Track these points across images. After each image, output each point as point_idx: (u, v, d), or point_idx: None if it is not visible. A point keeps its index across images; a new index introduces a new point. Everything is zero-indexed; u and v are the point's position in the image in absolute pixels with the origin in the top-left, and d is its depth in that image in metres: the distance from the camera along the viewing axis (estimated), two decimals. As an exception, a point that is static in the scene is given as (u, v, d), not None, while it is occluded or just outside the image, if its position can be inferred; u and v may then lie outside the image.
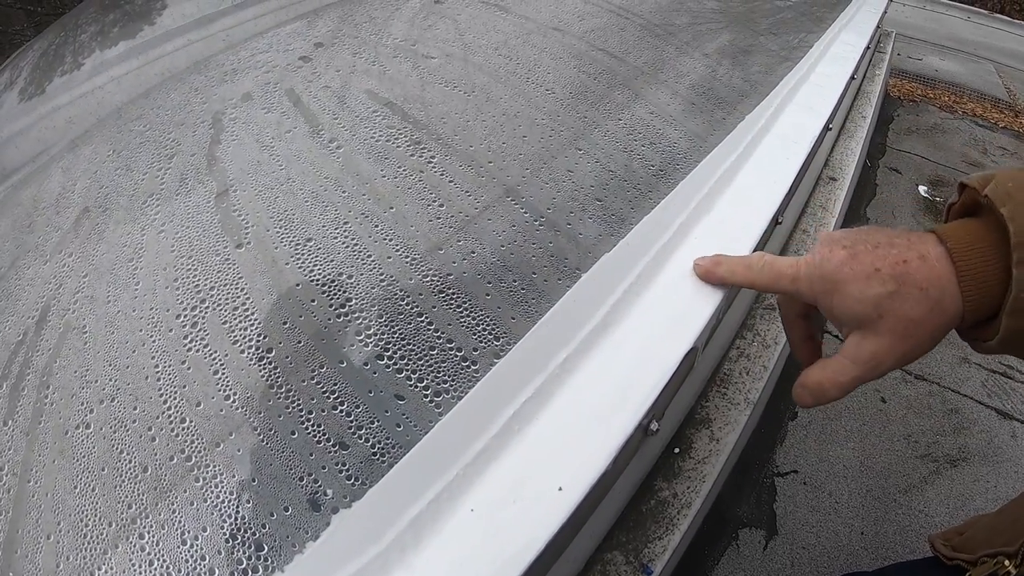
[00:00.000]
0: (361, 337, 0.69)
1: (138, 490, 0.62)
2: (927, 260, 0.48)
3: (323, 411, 0.64)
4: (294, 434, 0.63)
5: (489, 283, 0.74)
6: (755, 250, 0.77)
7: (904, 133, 4.02)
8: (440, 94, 1.04)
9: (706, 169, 0.89)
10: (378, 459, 0.61)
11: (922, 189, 3.32)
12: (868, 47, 1.78)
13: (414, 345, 0.68)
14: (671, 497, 0.90)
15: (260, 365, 0.69)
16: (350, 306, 0.72)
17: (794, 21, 1.72)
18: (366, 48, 1.19)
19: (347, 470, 0.60)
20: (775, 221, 0.85)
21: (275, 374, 0.68)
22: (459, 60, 1.14)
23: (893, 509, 1.73)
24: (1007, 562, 0.69)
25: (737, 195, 0.86)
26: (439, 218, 0.82)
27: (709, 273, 0.67)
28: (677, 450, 0.96)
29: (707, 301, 0.68)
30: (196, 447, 0.63)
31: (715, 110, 1.16)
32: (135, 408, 0.68)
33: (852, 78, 1.46)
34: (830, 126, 1.19)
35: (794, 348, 0.64)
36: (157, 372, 0.70)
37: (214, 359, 0.70)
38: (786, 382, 1.99)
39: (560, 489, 0.53)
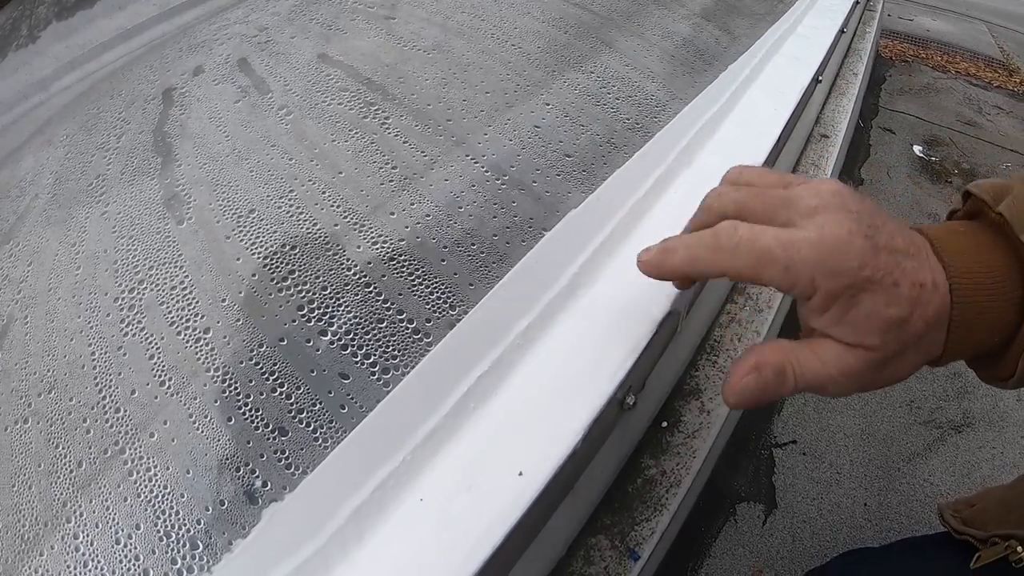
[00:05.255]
0: (303, 312, 0.63)
1: (73, 487, 0.59)
2: (938, 290, 0.38)
3: (261, 394, 0.59)
4: (231, 420, 0.58)
5: (445, 247, 0.68)
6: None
7: (897, 93, 3.97)
8: (398, 54, 0.98)
9: (686, 120, 0.83)
10: (320, 445, 0.56)
11: (917, 149, 3.29)
12: (857, 1, 1.73)
13: (361, 318, 0.62)
14: (659, 475, 0.84)
15: (196, 347, 0.64)
16: (293, 279, 0.66)
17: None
18: (323, 12, 1.13)
19: (287, 458, 0.55)
20: (763, 175, 0.79)
21: (211, 356, 0.63)
22: (419, 19, 1.08)
23: (897, 478, 1.70)
24: (1020, 548, 0.64)
25: (720, 147, 0.80)
26: (391, 181, 0.75)
27: (660, 268, 0.46)
28: (665, 424, 0.90)
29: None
30: (130, 439, 0.59)
31: (695, 61, 1.10)
32: (71, 399, 0.64)
33: (842, 31, 1.41)
34: (819, 78, 1.14)
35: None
36: (94, 360, 0.67)
37: (150, 343, 0.66)
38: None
39: (520, 474, 0.47)
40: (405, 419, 0.50)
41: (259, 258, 0.68)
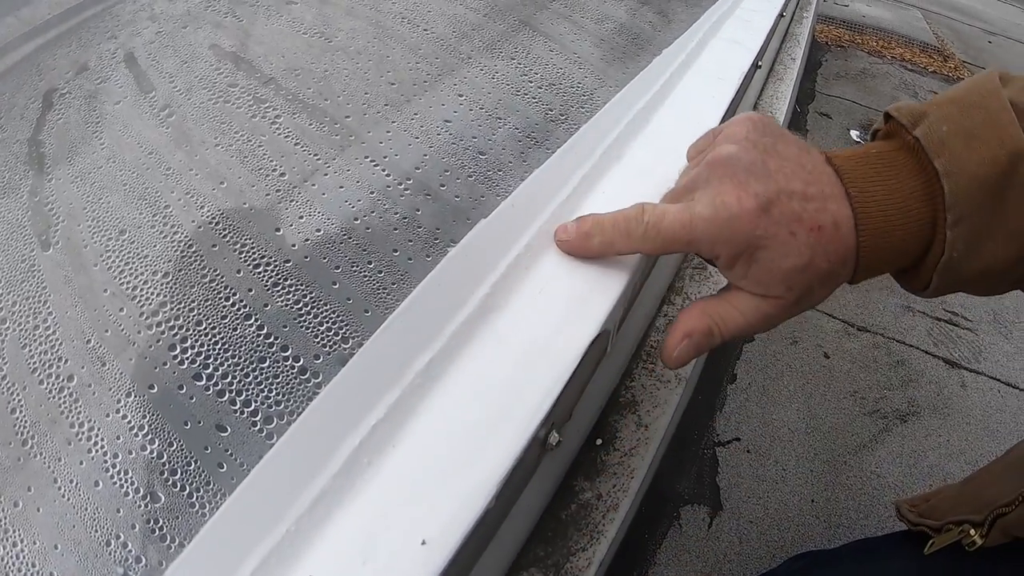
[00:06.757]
0: (175, 353, 0.55)
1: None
2: (839, 230, 0.42)
3: (130, 453, 0.51)
4: (98, 485, 0.51)
5: (337, 268, 0.61)
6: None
7: (833, 78, 4.03)
8: (296, 43, 0.90)
9: (615, 111, 0.76)
10: (197, 512, 0.49)
11: (854, 133, 3.34)
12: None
13: (240, 358, 0.54)
14: (594, 499, 0.78)
15: (59, 398, 0.56)
16: (164, 313, 0.58)
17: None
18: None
19: (161, 528, 0.48)
20: (701, 167, 0.73)
21: (75, 408, 0.55)
22: (325, 2, 1.00)
23: (844, 472, 1.69)
24: (972, 531, 0.67)
25: (653, 139, 0.73)
26: (278, 190, 0.67)
27: (580, 251, 0.55)
28: (599, 441, 0.83)
29: (621, 270, 0.54)
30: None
31: (627, 45, 1.05)
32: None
33: (781, 15, 1.37)
34: (759, 63, 1.09)
35: None
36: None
37: (12, 395, 0.58)
38: (723, 347, 1.92)
39: (424, 543, 0.40)
40: (286, 482, 0.42)
41: (128, 289, 0.60)
